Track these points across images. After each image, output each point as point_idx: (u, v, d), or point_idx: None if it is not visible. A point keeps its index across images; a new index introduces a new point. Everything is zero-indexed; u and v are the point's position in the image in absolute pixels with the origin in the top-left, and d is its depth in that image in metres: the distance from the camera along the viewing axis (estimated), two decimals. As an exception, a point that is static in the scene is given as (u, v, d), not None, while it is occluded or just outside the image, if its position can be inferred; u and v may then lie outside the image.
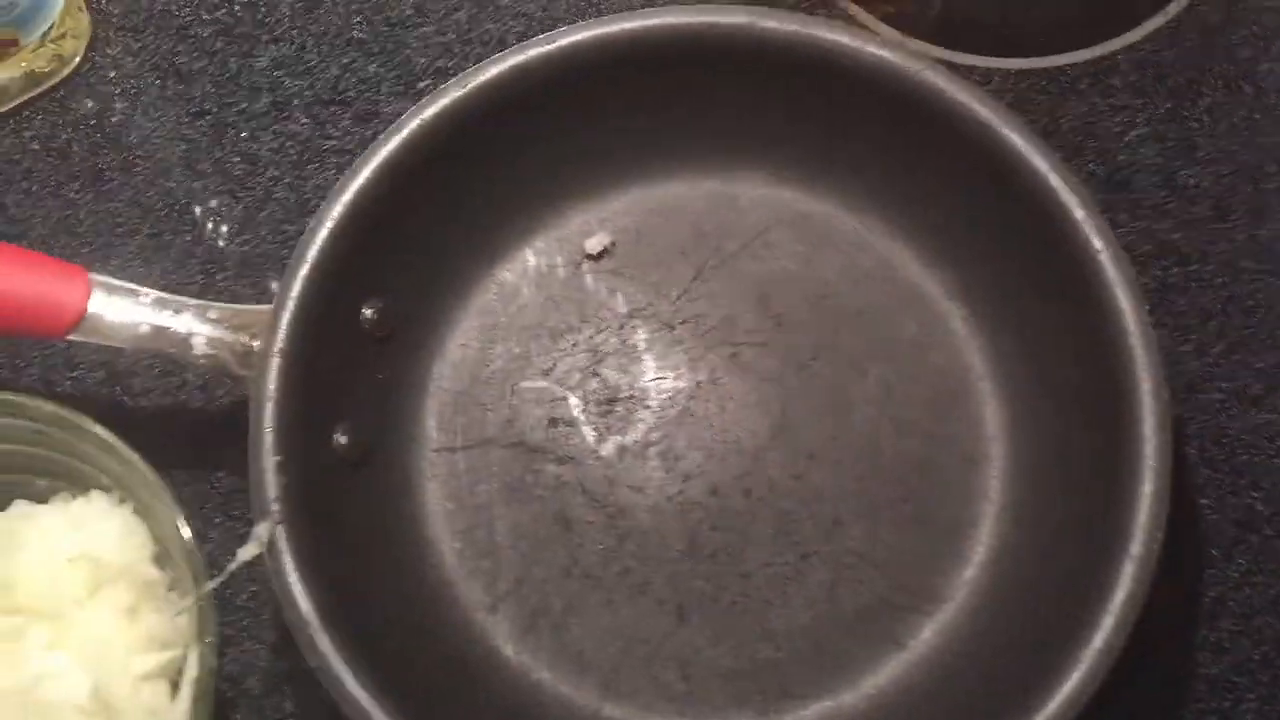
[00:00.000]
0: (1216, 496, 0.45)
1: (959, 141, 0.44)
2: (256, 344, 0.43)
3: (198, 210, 0.51)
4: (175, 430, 0.49)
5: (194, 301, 0.43)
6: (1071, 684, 0.37)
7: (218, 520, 0.47)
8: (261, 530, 0.40)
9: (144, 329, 0.43)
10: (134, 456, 0.41)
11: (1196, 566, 0.44)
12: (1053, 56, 0.52)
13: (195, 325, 0.43)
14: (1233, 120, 0.50)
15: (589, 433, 0.47)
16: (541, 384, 0.48)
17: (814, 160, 0.48)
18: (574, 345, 0.48)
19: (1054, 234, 0.43)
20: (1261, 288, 0.48)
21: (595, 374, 0.48)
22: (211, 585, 0.39)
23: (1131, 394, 0.40)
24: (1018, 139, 0.43)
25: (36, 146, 0.53)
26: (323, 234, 0.44)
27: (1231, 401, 0.46)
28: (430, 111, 0.45)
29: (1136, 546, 0.38)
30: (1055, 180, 0.43)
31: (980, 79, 0.50)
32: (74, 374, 0.49)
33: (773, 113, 0.47)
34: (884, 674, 0.43)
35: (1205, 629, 0.44)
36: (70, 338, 0.42)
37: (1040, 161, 0.43)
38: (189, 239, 0.51)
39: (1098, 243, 0.42)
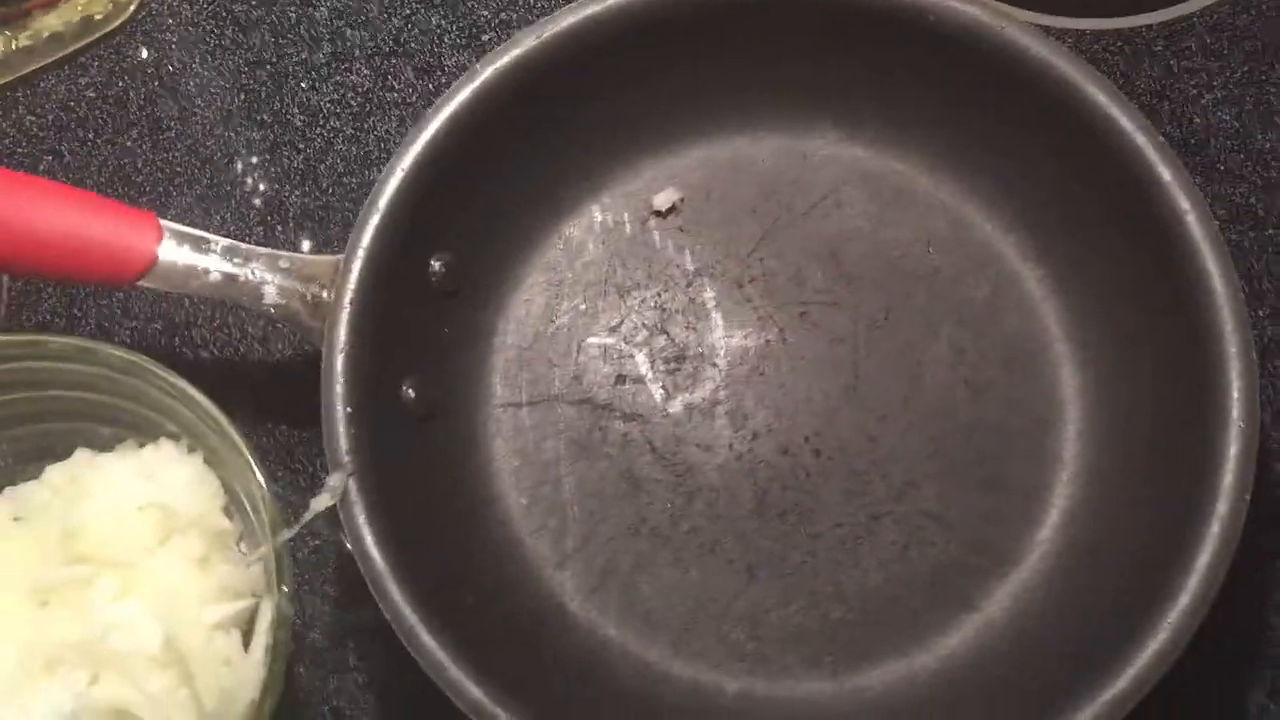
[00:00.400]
0: (1293, 463, 0.45)
1: (1040, 100, 0.44)
2: (326, 294, 0.42)
3: (253, 160, 0.51)
4: (234, 382, 0.48)
5: (264, 250, 0.43)
6: (1157, 645, 0.37)
7: (279, 474, 0.47)
8: (335, 481, 0.40)
9: (215, 277, 0.42)
10: (208, 404, 0.40)
11: (1271, 533, 0.44)
12: (1127, 18, 0.51)
13: (266, 274, 0.42)
14: (1311, 85, 0.49)
15: (657, 390, 0.46)
16: (608, 340, 0.47)
17: (888, 119, 0.48)
18: (641, 302, 0.47)
19: (1138, 195, 0.42)
20: (1339, 253, 0.47)
21: (663, 331, 0.47)
22: (289, 534, 0.38)
23: (1218, 355, 0.40)
24: (1103, 97, 0.43)
25: (93, 94, 0.52)
26: (393, 184, 0.43)
27: (1309, 368, 0.46)
28: (503, 61, 0.45)
29: (1223, 507, 0.38)
30: (1142, 140, 0.42)
31: (1055, 38, 0.49)
32: (132, 324, 0.49)
33: (847, 69, 0.47)
34: (956, 636, 0.42)
35: (1281, 594, 0.43)
36: (140, 284, 0.42)
37: (1127, 121, 0.42)
38: (248, 189, 0.51)
39: (1185, 203, 0.41)
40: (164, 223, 0.42)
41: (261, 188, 0.51)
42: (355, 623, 0.44)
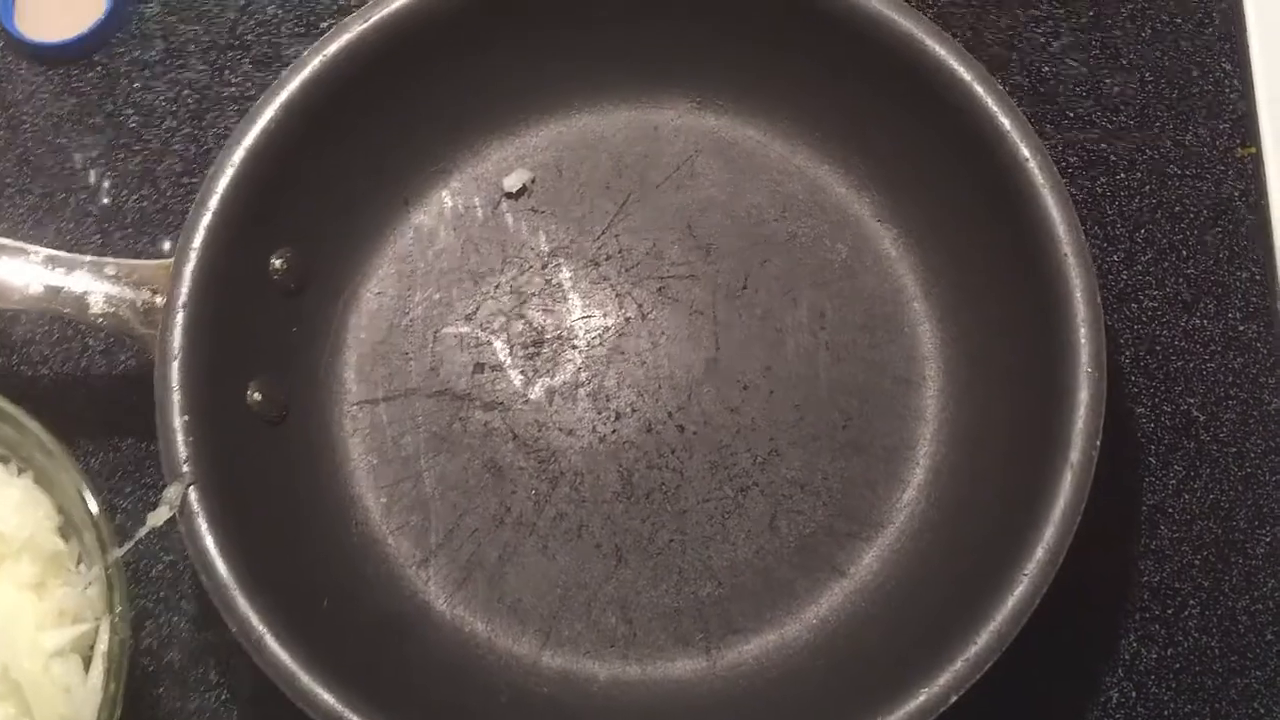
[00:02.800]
0: (1151, 404, 0.45)
1: (885, 59, 0.43)
2: (159, 299, 0.41)
3: (88, 166, 0.49)
4: (78, 398, 0.46)
5: (88, 258, 0.41)
6: (1016, 597, 0.37)
7: (128, 490, 0.45)
8: (172, 493, 0.38)
9: (35, 289, 0.40)
10: (32, 423, 0.38)
11: (1134, 476, 0.44)
12: (973, -30, 0.50)
13: (91, 283, 0.41)
14: (1155, 26, 0.49)
15: (516, 376, 0.45)
16: (464, 329, 0.46)
17: (737, 86, 0.47)
18: (496, 288, 0.46)
19: (982, 146, 0.42)
20: (1189, 193, 0.47)
21: (520, 316, 0.46)
22: (120, 553, 0.37)
23: (1064, 301, 0.39)
24: (941, 50, 0.42)
25: (-85, 108, 0.50)
26: (224, 181, 0.42)
27: (1163, 308, 0.46)
28: (332, 48, 0.43)
29: (1075, 454, 0.38)
30: (980, 90, 0.42)
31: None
32: (-33, 345, 0.47)
33: (693, 38, 0.46)
34: (826, 603, 0.42)
35: (1145, 537, 0.43)
36: (-46, 301, 0.40)
37: (965, 73, 0.42)
38: (83, 197, 0.49)
39: (1025, 151, 0.41)
40: (-22, 236, 0.40)
41: (98, 194, 0.49)
42: (214, 640, 0.43)
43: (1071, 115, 0.48)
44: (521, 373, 0.45)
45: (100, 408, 0.46)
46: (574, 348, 0.45)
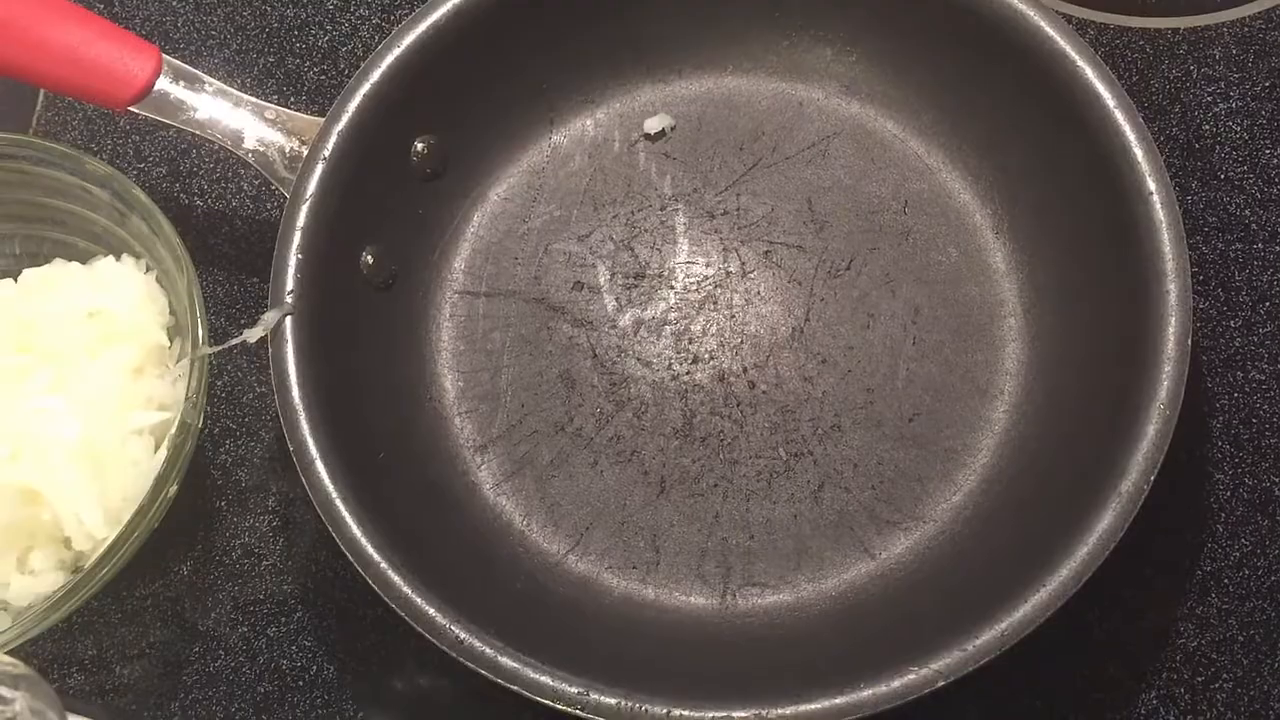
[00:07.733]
0: (1233, 474, 0.43)
1: (1029, 71, 0.44)
2: (305, 150, 0.44)
3: (275, 35, 0.53)
4: (222, 232, 0.50)
5: (251, 99, 0.45)
6: (1030, 604, 0.36)
7: (242, 321, 0.48)
8: (270, 316, 0.42)
9: (201, 114, 0.44)
10: (167, 226, 0.42)
11: (1196, 539, 0.43)
12: (1156, 18, 0.50)
13: (249, 121, 0.44)
14: (1332, 109, 0.48)
15: (610, 301, 0.47)
16: (574, 248, 0.48)
17: (885, 78, 0.48)
18: (614, 218, 0.48)
19: (1112, 175, 0.42)
20: (1327, 278, 0.46)
21: (628, 248, 0.48)
22: (208, 351, 0.40)
23: (1154, 337, 0.39)
24: (1090, 72, 0.42)
25: (149, -45, 0.55)
26: (388, 60, 0.45)
27: (1271, 384, 0.44)
28: (509, -31, 0.46)
29: (1127, 484, 0.37)
30: (1120, 118, 0.42)
31: (1075, 29, 0.49)
32: (141, 165, 0.51)
33: (857, 28, 0.47)
34: (847, 579, 0.42)
35: (1193, 601, 0.42)
36: (132, 109, 0.44)
37: (1108, 97, 0.42)
38: (272, 60, 0.53)
39: (1151, 185, 0.41)
40: (166, 58, 0.45)
41: (285, 60, 0.53)
42: (281, 469, 0.46)
43: (1221, 177, 0.47)
44: (616, 299, 0.47)
45: (239, 245, 0.50)
46: (670, 288, 0.47)
